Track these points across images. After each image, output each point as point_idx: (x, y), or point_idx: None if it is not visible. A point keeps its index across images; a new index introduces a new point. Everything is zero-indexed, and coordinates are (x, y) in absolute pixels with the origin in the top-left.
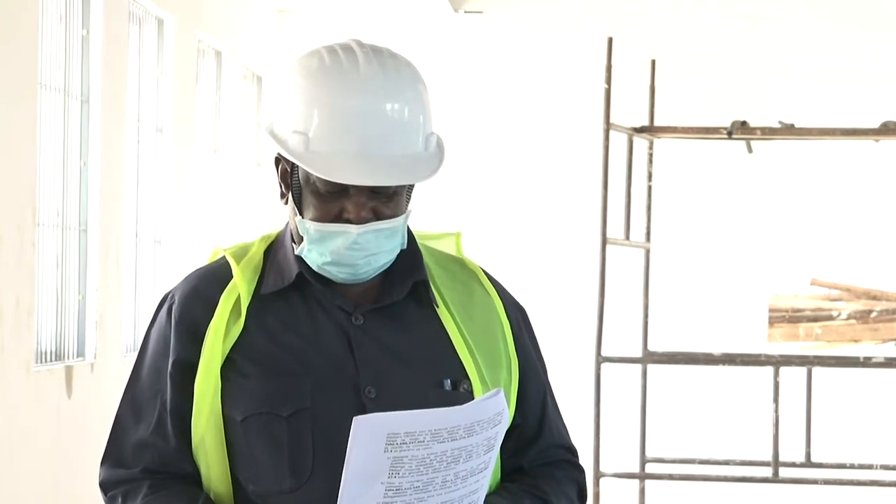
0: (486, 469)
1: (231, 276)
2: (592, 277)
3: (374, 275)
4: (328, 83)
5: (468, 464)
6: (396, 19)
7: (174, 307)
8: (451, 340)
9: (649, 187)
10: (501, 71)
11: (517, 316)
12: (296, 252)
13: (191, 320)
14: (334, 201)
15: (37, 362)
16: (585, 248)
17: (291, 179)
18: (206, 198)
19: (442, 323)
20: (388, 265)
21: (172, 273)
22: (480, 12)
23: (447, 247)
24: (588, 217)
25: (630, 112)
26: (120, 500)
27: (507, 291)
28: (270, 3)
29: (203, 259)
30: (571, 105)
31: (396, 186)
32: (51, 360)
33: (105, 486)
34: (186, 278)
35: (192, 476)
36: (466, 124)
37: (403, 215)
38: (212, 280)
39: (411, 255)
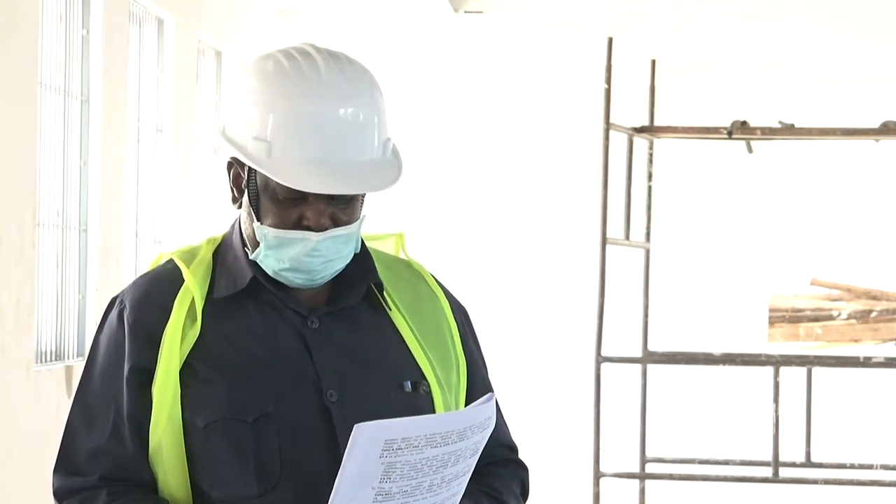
0: (468, 472)
1: (181, 280)
2: (592, 277)
3: (328, 280)
4: (288, 89)
5: (455, 467)
6: (396, 19)
7: (126, 312)
8: (405, 342)
9: (649, 187)
10: (501, 71)
11: (461, 317)
12: (251, 256)
13: (145, 325)
14: (293, 208)
15: (37, 362)
16: (585, 248)
17: (248, 184)
18: (206, 198)
19: (395, 325)
20: (340, 269)
21: None
22: (480, 12)
23: (389, 248)
24: (588, 217)
25: (630, 112)
26: None
27: (450, 292)
28: (270, 3)
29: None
30: (571, 105)
31: (345, 194)
32: (51, 360)
33: (59, 495)
34: (135, 283)
35: (150, 483)
36: (466, 124)
37: (359, 220)
38: (163, 284)
39: (362, 257)
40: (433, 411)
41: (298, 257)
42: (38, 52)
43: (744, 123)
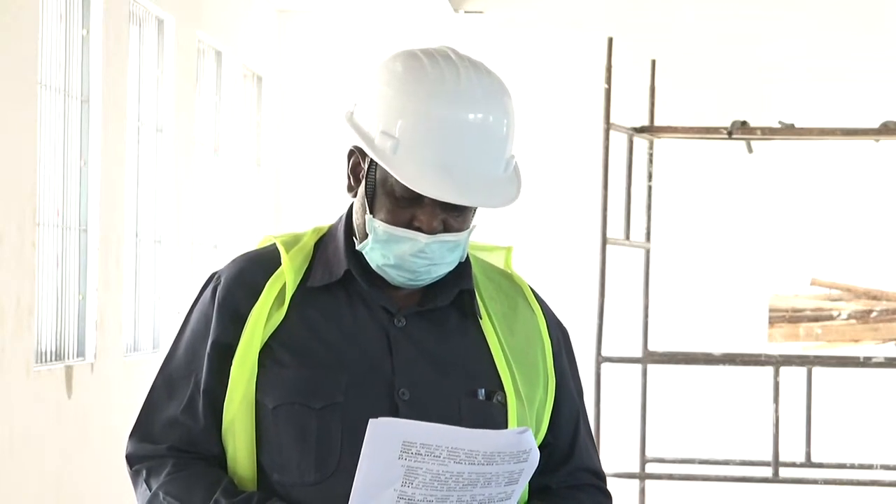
0: (509, 500)
1: (279, 264)
2: (592, 277)
3: (429, 283)
4: (425, 90)
5: (486, 489)
6: (396, 19)
7: (219, 288)
8: (490, 351)
9: (649, 187)
10: (501, 71)
11: (559, 336)
12: (357, 247)
13: (234, 303)
14: (407, 207)
15: (37, 362)
16: (585, 248)
17: (367, 176)
18: (206, 198)
19: (483, 333)
20: (443, 275)
21: (173, 273)
22: (480, 12)
23: (497, 260)
24: (588, 217)
25: (630, 112)
26: (144, 474)
27: (551, 311)
28: (270, 3)
29: (206, 259)
30: (571, 105)
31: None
32: (51, 360)
33: (131, 460)
34: (234, 261)
35: (218, 458)
36: None
37: (469, 230)
38: (259, 265)
39: (461, 264)
40: (506, 423)
41: (404, 256)
42: (37, 51)
43: (744, 123)
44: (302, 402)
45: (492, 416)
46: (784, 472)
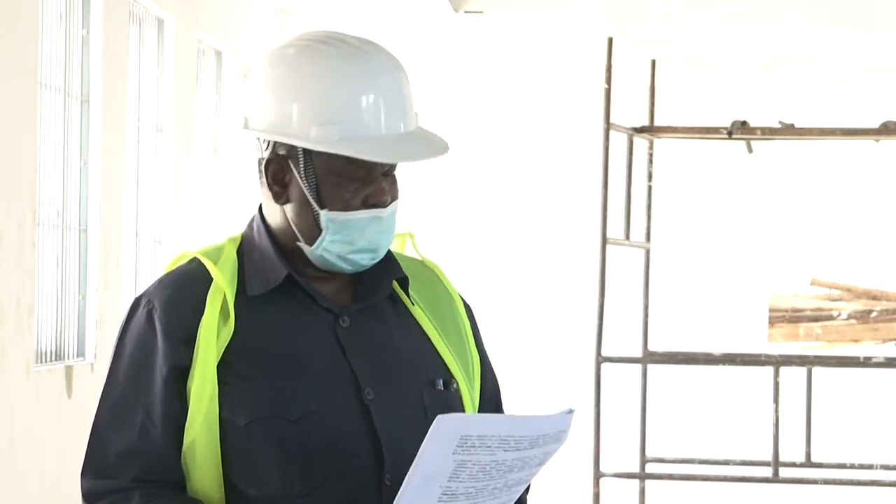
0: (528, 481)
1: (209, 278)
2: (592, 277)
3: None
4: (342, 72)
5: (519, 473)
6: (396, 19)
7: (156, 313)
8: (430, 340)
9: (649, 187)
10: (501, 71)
11: (470, 314)
12: (311, 248)
13: (180, 325)
14: (359, 189)
15: (37, 362)
16: (585, 248)
17: (306, 176)
18: (206, 198)
19: (419, 322)
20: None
21: None
22: (480, 12)
23: (396, 247)
24: (588, 217)
25: (630, 112)
26: None
27: (458, 291)
28: (270, 3)
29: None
30: (571, 105)
31: (394, 170)
32: (51, 360)
33: (89, 498)
34: (160, 282)
35: (181, 483)
36: (466, 124)
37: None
38: (191, 282)
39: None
40: (463, 409)
41: (371, 236)
42: (37, 51)
43: (744, 123)
44: (278, 415)
45: (453, 405)
46: (784, 472)
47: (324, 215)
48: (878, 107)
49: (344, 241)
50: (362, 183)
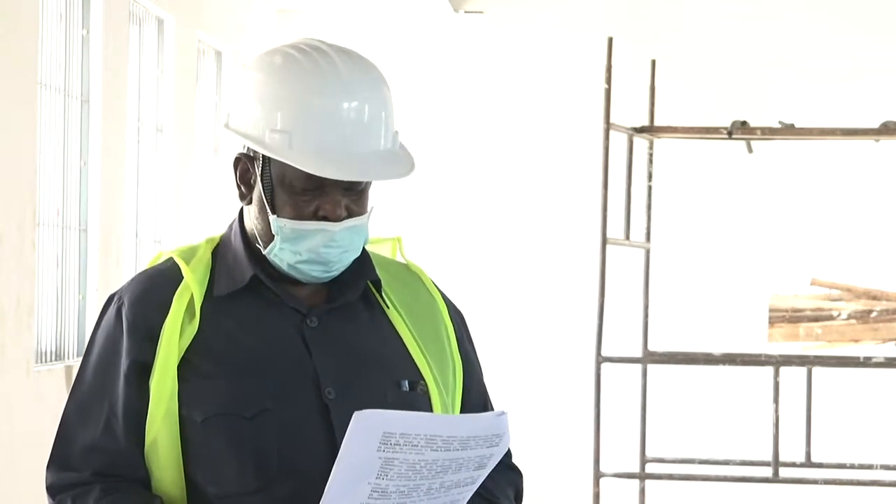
0: (473, 484)
1: (180, 278)
2: (592, 277)
3: (338, 274)
4: (306, 81)
5: (455, 475)
6: (396, 19)
7: (124, 308)
8: (403, 341)
9: (649, 187)
10: (502, 71)
11: (458, 320)
12: (264, 252)
13: (144, 321)
14: (310, 200)
15: (37, 362)
16: (585, 248)
17: (263, 178)
18: (206, 198)
19: (392, 324)
20: (352, 260)
21: None
22: (480, 12)
23: (386, 251)
24: (588, 217)
25: (630, 112)
26: (69, 502)
27: (447, 296)
28: (270, 3)
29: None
30: (571, 105)
31: (365, 184)
32: (51, 360)
33: (52, 490)
34: (133, 280)
35: (145, 480)
36: (467, 124)
37: (369, 211)
38: (162, 281)
39: (360, 256)
40: (430, 411)
41: (317, 248)
42: (37, 51)
43: (744, 123)
44: (232, 413)
45: (417, 406)
46: (784, 472)
47: (273, 221)
48: (878, 107)
49: (292, 249)
50: (315, 195)
